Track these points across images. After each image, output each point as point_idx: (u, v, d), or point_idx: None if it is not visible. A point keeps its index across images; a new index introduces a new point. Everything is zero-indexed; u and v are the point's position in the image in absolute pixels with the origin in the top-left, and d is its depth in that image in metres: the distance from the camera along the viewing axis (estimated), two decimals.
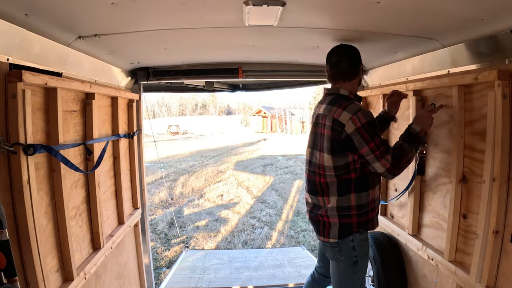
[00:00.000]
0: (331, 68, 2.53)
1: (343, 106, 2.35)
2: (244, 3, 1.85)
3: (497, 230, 2.08)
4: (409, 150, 2.37)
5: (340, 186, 2.42)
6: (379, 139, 2.31)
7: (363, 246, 2.50)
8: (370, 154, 2.30)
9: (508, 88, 2.00)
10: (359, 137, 2.29)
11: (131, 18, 2.12)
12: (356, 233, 2.46)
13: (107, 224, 3.14)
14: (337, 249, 2.49)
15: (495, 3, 1.74)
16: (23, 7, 1.75)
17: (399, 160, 2.31)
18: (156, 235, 7.97)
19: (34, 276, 1.94)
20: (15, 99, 1.85)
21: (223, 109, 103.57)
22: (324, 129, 2.42)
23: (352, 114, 2.30)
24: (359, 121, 2.28)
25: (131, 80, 3.89)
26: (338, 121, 2.33)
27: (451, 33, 2.30)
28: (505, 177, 2.05)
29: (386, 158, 2.28)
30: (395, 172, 2.32)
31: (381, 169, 2.31)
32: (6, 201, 1.83)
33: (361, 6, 1.94)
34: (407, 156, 2.35)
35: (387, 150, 2.30)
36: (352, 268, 2.49)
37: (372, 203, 2.50)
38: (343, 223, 2.45)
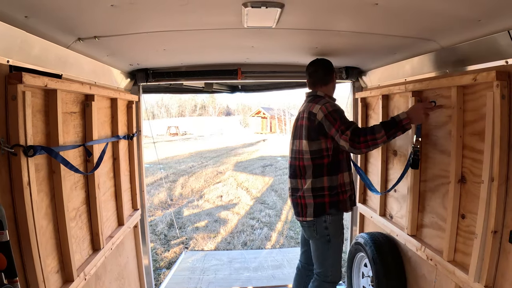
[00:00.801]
0: (309, 77, 3.14)
1: (316, 101, 2.90)
2: (243, 5, 1.86)
3: (495, 230, 2.09)
4: (378, 131, 2.59)
5: (314, 170, 2.88)
6: (342, 120, 2.72)
7: (335, 227, 2.93)
8: (336, 134, 2.70)
9: (507, 88, 2.01)
10: (327, 122, 2.75)
11: (131, 20, 2.13)
12: (328, 214, 2.88)
13: (107, 225, 3.14)
14: (313, 228, 2.94)
15: (491, 4, 1.75)
16: (23, 9, 1.76)
17: (359, 135, 2.61)
18: (155, 236, 7.96)
19: (34, 277, 1.95)
20: (15, 101, 1.86)
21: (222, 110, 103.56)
22: (302, 121, 2.94)
23: (321, 105, 2.81)
24: (327, 110, 2.78)
25: (130, 81, 3.90)
26: (312, 112, 2.85)
27: (449, 34, 2.31)
28: (504, 177, 2.06)
29: (345, 133, 2.64)
30: (355, 145, 2.62)
31: (345, 144, 2.66)
32: (7, 202, 1.84)
33: (359, 7, 1.94)
34: (373, 135, 2.60)
35: (347, 127, 2.67)
36: (326, 245, 2.94)
37: (342, 187, 2.92)
38: (317, 203, 2.89)
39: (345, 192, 2.93)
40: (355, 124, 2.71)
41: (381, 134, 2.58)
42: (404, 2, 1.84)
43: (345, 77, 4.06)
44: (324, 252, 2.94)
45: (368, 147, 2.62)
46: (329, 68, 3.10)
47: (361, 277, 3.88)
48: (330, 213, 2.88)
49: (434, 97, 2.75)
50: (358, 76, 4.09)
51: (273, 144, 32.03)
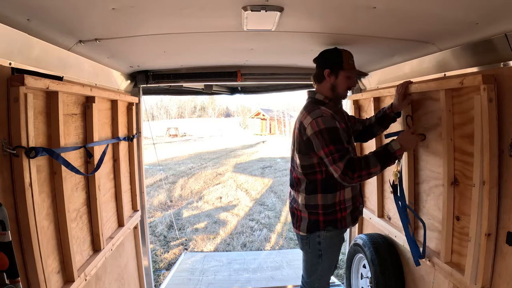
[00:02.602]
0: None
1: (309, 110, 2.56)
2: (243, 8, 1.88)
3: (489, 232, 2.10)
4: (373, 165, 2.42)
5: (308, 185, 2.64)
6: (335, 146, 2.42)
7: (328, 243, 2.71)
8: (325, 158, 2.45)
9: (494, 91, 2.02)
10: (317, 141, 2.46)
11: (131, 23, 2.15)
12: (323, 230, 2.66)
13: (107, 226, 3.16)
14: (305, 241, 2.74)
15: (488, 8, 1.77)
16: (25, 12, 1.78)
17: (354, 170, 2.39)
18: (155, 237, 7.98)
19: (35, 277, 1.97)
20: (17, 103, 1.87)
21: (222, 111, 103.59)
22: (295, 130, 2.66)
23: (313, 119, 2.48)
24: (318, 126, 2.45)
25: (130, 83, 3.92)
26: (302, 123, 2.56)
27: (447, 37, 2.32)
28: (495, 180, 2.07)
29: (337, 165, 2.40)
30: (347, 180, 2.41)
31: (335, 174, 2.44)
32: (9, 203, 1.86)
33: (358, 11, 1.96)
34: (368, 169, 2.41)
35: (341, 158, 2.40)
36: (316, 259, 2.75)
37: (342, 204, 2.65)
38: (312, 219, 2.66)
39: (344, 209, 2.66)
40: (349, 155, 2.44)
41: (376, 168, 2.43)
42: (402, 5, 1.86)
43: None
44: (314, 265, 2.80)
45: (362, 180, 2.47)
46: (322, 63, 2.68)
47: (360, 278, 3.89)
48: (327, 229, 2.67)
49: (425, 99, 2.77)
50: (357, 78, 4.10)
51: (272, 145, 32.01)
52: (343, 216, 2.67)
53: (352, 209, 2.72)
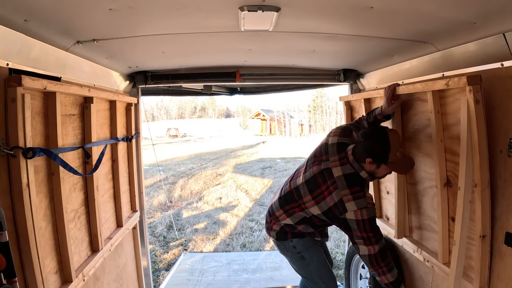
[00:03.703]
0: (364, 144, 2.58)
1: (355, 194, 2.51)
2: (239, 8, 1.88)
3: (484, 234, 2.10)
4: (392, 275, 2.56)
5: (301, 221, 2.77)
6: (373, 232, 2.51)
7: (303, 244, 2.83)
8: (360, 239, 2.52)
9: (480, 92, 1.99)
10: (356, 226, 2.50)
11: (129, 24, 2.15)
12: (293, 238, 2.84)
13: (105, 227, 3.16)
14: (282, 246, 2.88)
15: (486, 8, 1.77)
16: (23, 13, 1.78)
17: (384, 259, 2.53)
18: (155, 238, 7.97)
19: (33, 277, 1.96)
20: (14, 103, 1.87)
21: (222, 112, 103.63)
22: (327, 194, 2.60)
23: (358, 209, 2.49)
24: (361, 216, 2.48)
25: (129, 83, 3.92)
26: (343, 205, 2.53)
27: (445, 37, 2.32)
28: (486, 182, 2.06)
29: (373, 246, 2.50)
30: (373, 264, 2.53)
31: (364, 252, 2.53)
32: (6, 203, 1.86)
33: (355, 11, 1.96)
34: (388, 271, 2.55)
35: (377, 241, 2.51)
36: (302, 261, 2.85)
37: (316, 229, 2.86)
38: (281, 232, 2.84)
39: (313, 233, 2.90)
40: (383, 242, 2.55)
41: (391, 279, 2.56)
42: (399, 5, 1.86)
43: (343, 80, 4.08)
44: (304, 267, 2.87)
45: (376, 271, 2.56)
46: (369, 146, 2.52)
47: (359, 279, 3.89)
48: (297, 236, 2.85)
49: (413, 100, 2.75)
50: (356, 79, 4.10)
51: (272, 146, 32.03)
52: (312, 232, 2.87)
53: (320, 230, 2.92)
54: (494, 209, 2.12)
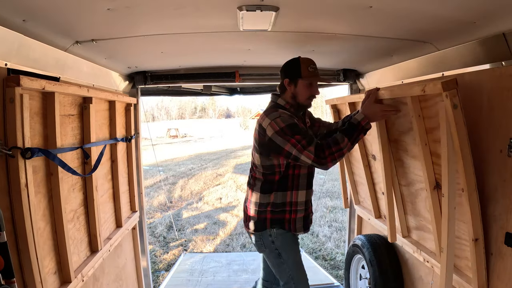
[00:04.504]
0: None
1: (268, 113, 2.57)
2: (238, 8, 1.88)
3: (476, 238, 2.11)
4: (341, 140, 2.41)
5: (263, 185, 2.66)
6: (300, 135, 2.43)
7: (281, 240, 2.69)
8: (293, 149, 2.42)
9: (457, 97, 1.94)
10: (279, 138, 2.45)
11: (127, 24, 2.15)
12: (270, 228, 2.68)
13: (104, 227, 3.15)
14: (260, 242, 2.73)
15: (486, 7, 1.77)
16: (21, 13, 1.78)
17: (324, 150, 2.39)
18: (155, 238, 7.97)
19: (31, 278, 1.96)
20: (13, 104, 1.87)
21: (222, 112, 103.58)
22: (255, 133, 2.65)
23: (271, 120, 2.49)
24: (278, 126, 2.46)
25: (128, 84, 3.92)
26: (261, 126, 2.56)
27: (445, 37, 2.32)
28: (473, 186, 2.05)
29: (308, 149, 2.39)
30: (321, 161, 2.39)
31: (308, 161, 2.41)
32: (4, 204, 1.85)
33: (354, 10, 1.96)
34: (338, 145, 2.40)
35: (309, 143, 2.40)
36: (278, 259, 2.72)
37: (292, 206, 2.67)
38: (261, 217, 2.68)
39: (294, 212, 2.68)
40: (315, 139, 2.47)
41: (344, 143, 2.40)
42: (398, 4, 1.86)
43: (343, 80, 4.08)
44: (279, 265, 2.74)
45: (334, 159, 2.40)
46: (283, 70, 2.69)
47: (358, 279, 3.89)
48: (275, 228, 2.68)
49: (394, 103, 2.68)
50: (355, 79, 4.10)
51: None
52: (292, 218, 2.69)
53: (304, 215, 2.74)
54: (494, 209, 2.11)
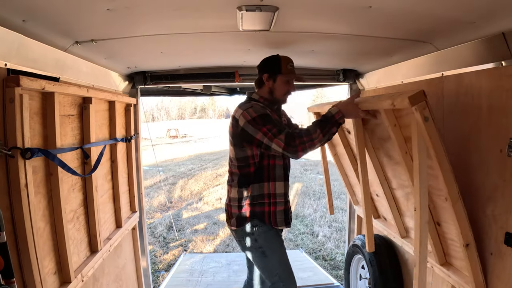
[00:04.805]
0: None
1: (241, 105, 2.63)
2: (238, 8, 1.88)
3: (467, 243, 2.13)
4: (313, 130, 2.40)
5: (241, 178, 2.65)
6: (271, 124, 2.46)
7: (265, 238, 2.65)
8: (264, 138, 2.44)
9: (427, 109, 1.85)
10: (251, 127, 2.48)
11: (127, 24, 2.15)
12: (254, 226, 2.64)
13: (104, 227, 3.15)
14: (243, 241, 2.71)
15: (485, 7, 1.77)
16: (21, 13, 1.78)
17: (294, 138, 2.39)
18: (154, 239, 7.97)
19: (31, 278, 1.96)
20: (12, 104, 1.87)
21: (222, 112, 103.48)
22: (229, 126, 2.67)
23: (243, 110, 2.54)
24: (250, 115, 2.49)
25: (128, 84, 3.92)
26: (234, 117, 2.60)
27: (444, 36, 2.32)
28: (457, 195, 2.05)
29: (279, 137, 2.40)
30: (290, 149, 2.39)
31: (279, 149, 2.41)
32: (4, 204, 1.85)
33: (354, 10, 1.96)
34: (309, 135, 2.39)
35: (280, 131, 2.42)
36: (262, 258, 2.68)
37: (271, 198, 2.64)
38: (240, 212, 2.67)
39: (273, 204, 2.64)
40: (287, 128, 2.50)
41: (316, 133, 2.39)
42: (397, 5, 1.86)
43: (342, 80, 4.08)
44: (265, 265, 2.68)
45: (305, 149, 2.40)
46: (263, 66, 2.74)
47: (358, 279, 3.89)
48: (256, 224, 2.63)
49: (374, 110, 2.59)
50: (355, 79, 4.10)
51: None
52: (272, 211, 2.65)
53: (284, 208, 2.70)
54: (493, 209, 2.12)
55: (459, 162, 2.45)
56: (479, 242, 2.24)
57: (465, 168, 2.39)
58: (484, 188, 2.19)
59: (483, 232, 2.21)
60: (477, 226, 2.24)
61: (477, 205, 2.26)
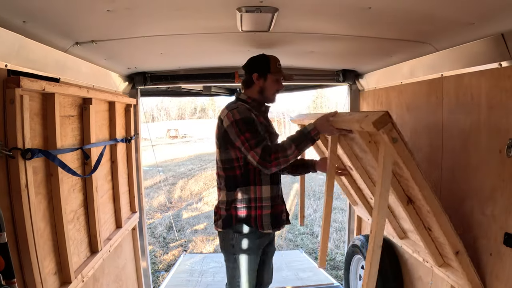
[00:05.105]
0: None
1: (228, 105, 2.61)
2: (237, 9, 1.88)
3: (456, 251, 2.15)
4: (288, 146, 2.38)
5: (227, 182, 2.63)
6: (251, 133, 2.42)
7: (242, 247, 2.62)
8: (241, 147, 2.44)
9: (394, 129, 1.78)
10: (233, 130, 2.46)
11: (127, 25, 2.15)
12: (236, 232, 2.61)
13: (104, 228, 3.16)
14: (223, 243, 2.70)
15: (484, 8, 1.78)
16: (21, 14, 1.78)
17: (270, 153, 2.36)
18: (154, 239, 7.98)
19: (32, 278, 1.97)
20: (13, 105, 1.88)
21: None
22: (216, 127, 2.65)
23: (228, 111, 2.52)
24: (233, 117, 2.46)
25: (128, 84, 3.92)
26: (220, 117, 2.59)
27: (443, 37, 2.33)
28: (439, 208, 2.06)
29: (255, 150, 2.38)
30: (266, 164, 2.38)
31: (254, 161, 2.42)
32: (5, 204, 1.86)
33: (353, 11, 1.97)
34: (284, 151, 2.38)
35: (257, 144, 2.39)
36: (232, 263, 2.67)
37: (258, 201, 2.60)
38: (228, 214, 2.63)
39: (260, 208, 2.60)
40: (265, 141, 2.44)
41: (291, 149, 2.37)
42: (397, 6, 1.86)
43: (342, 80, 4.08)
44: (232, 269, 2.69)
45: (279, 164, 2.38)
46: (251, 65, 2.70)
47: (358, 279, 3.89)
48: (240, 231, 2.60)
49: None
50: (355, 79, 4.11)
51: None
52: (258, 214, 2.60)
53: (272, 212, 2.64)
54: (493, 209, 2.12)
55: (459, 162, 2.47)
56: (479, 242, 2.25)
57: (465, 168, 2.40)
58: (484, 188, 2.19)
59: (483, 232, 2.22)
60: (477, 227, 2.25)
61: (476, 206, 2.27)
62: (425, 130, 2.86)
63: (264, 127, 2.61)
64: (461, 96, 2.42)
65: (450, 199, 2.54)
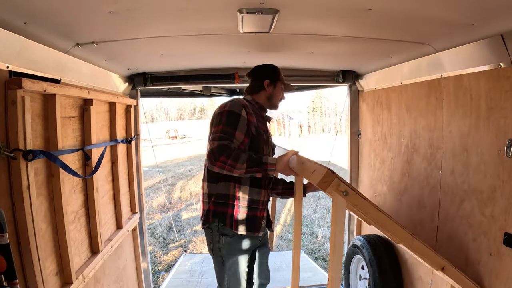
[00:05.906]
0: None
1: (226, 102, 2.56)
2: (238, 11, 1.89)
3: (441, 267, 2.17)
4: (241, 161, 2.28)
5: (210, 173, 2.55)
6: (224, 127, 2.37)
7: (229, 250, 2.56)
8: (211, 135, 2.40)
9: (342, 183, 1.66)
10: (217, 119, 2.43)
11: (128, 26, 2.16)
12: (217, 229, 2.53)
13: (105, 229, 3.16)
14: (210, 246, 2.63)
15: (483, 9, 1.78)
16: (22, 15, 1.79)
17: (221, 154, 2.28)
18: (154, 239, 7.98)
19: (33, 279, 1.97)
20: (14, 106, 1.88)
21: None
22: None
23: (223, 103, 2.52)
24: (225, 107, 2.46)
25: (128, 85, 3.93)
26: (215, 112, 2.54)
27: (443, 38, 2.34)
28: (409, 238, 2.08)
29: (213, 142, 2.33)
30: (211, 161, 2.31)
31: (207, 152, 2.39)
32: (6, 205, 1.86)
33: (353, 12, 1.97)
34: (235, 162, 2.27)
35: (220, 138, 2.33)
36: (221, 266, 2.64)
37: (235, 200, 2.52)
38: (207, 209, 2.57)
39: (237, 207, 2.52)
40: (228, 141, 2.33)
41: (242, 166, 2.28)
42: (397, 7, 1.87)
43: (342, 81, 4.09)
44: (220, 272, 2.67)
45: (222, 169, 2.29)
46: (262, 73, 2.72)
47: (358, 280, 3.90)
48: (225, 233, 2.52)
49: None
50: (354, 80, 4.12)
51: None
52: (234, 213, 2.52)
53: (250, 214, 2.56)
54: (493, 210, 2.13)
55: (458, 163, 2.48)
56: (478, 242, 2.25)
57: (465, 168, 2.40)
58: (483, 188, 2.20)
59: (482, 232, 2.22)
60: (477, 227, 2.26)
61: (476, 206, 2.28)
62: (425, 131, 2.87)
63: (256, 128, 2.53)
64: (460, 96, 2.43)
65: (450, 200, 2.55)
